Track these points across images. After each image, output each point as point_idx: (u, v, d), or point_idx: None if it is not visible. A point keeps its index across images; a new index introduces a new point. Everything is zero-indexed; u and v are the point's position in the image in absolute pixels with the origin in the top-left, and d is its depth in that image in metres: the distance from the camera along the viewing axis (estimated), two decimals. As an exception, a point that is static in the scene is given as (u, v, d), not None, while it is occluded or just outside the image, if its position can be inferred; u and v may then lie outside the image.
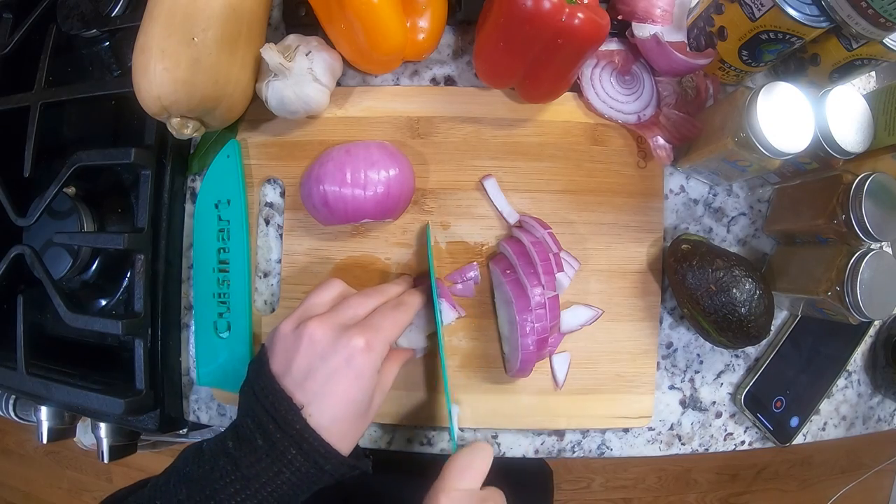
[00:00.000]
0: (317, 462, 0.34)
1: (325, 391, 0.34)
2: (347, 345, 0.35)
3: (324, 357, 0.35)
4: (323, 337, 0.35)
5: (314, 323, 0.36)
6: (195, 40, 0.41)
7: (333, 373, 0.34)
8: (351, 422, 0.35)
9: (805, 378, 0.52)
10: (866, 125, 0.43)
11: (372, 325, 0.36)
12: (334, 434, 0.34)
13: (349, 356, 0.35)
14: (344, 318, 0.37)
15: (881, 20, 0.38)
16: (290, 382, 0.35)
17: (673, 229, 0.51)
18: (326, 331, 0.35)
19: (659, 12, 0.47)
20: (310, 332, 0.35)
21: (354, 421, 0.36)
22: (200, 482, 0.33)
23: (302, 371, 0.35)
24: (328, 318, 0.36)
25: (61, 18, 0.52)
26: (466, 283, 0.49)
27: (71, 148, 0.48)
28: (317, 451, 0.33)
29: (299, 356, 0.35)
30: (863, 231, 0.42)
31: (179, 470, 0.35)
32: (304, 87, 0.45)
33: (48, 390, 0.48)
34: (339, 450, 0.35)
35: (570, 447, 0.51)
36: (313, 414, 0.34)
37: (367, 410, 0.37)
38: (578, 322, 0.48)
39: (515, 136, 0.50)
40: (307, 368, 0.35)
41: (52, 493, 1.45)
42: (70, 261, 0.51)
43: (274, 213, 0.50)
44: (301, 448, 0.33)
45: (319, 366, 0.34)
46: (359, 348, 0.35)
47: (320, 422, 0.34)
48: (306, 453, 0.33)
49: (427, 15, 0.46)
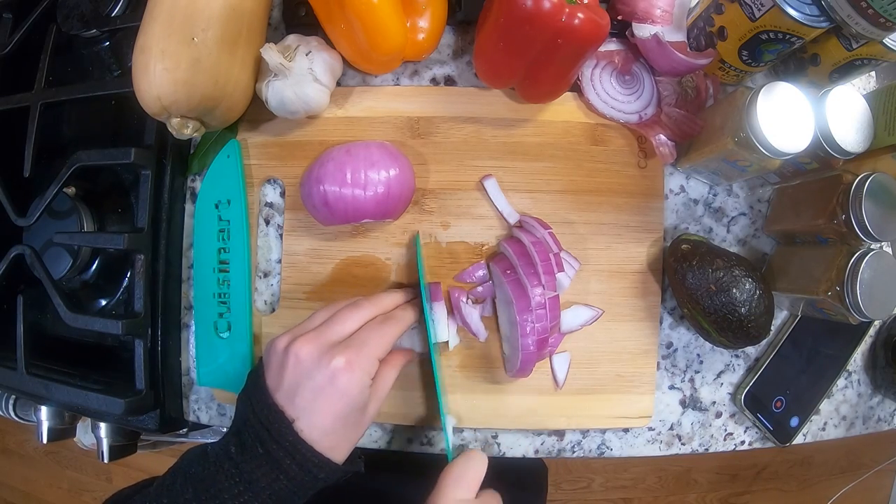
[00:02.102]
0: (310, 471, 0.35)
1: (312, 407, 0.36)
2: (329, 364, 0.36)
3: (309, 376, 0.36)
4: (307, 356, 0.36)
5: (300, 342, 0.37)
6: (195, 40, 0.41)
7: (319, 391, 0.36)
8: (341, 434, 0.37)
9: (805, 378, 0.52)
10: (866, 125, 0.43)
11: (356, 344, 0.37)
12: (325, 445, 0.36)
13: (332, 375, 0.36)
14: (330, 336, 0.38)
15: (881, 20, 0.38)
16: (282, 397, 0.36)
17: (673, 229, 0.51)
18: (311, 350, 0.36)
19: (659, 12, 0.47)
20: (296, 351, 0.37)
21: (346, 432, 0.37)
22: (206, 483, 0.35)
23: (291, 388, 0.36)
24: (314, 337, 0.37)
25: (61, 18, 0.52)
26: (485, 285, 0.48)
27: (71, 148, 0.48)
28: (310, 461, 0.35)
29: (287, 373, 0.36)
30: (863, 231, 0.42)
31: (185, 471, 0.37)
32: (304, 87, 0.45)
33: (48, 390, 0.48)
34: (331, 458, 0.36)
35: (569, 447, 0.51)
36: (304, 428, 0.35)
37: (360, 420, 0.38)
38: (579, 322, 0.48)
39: (515, 136, 0.50)
40: (295, 386, 0.36)
41: (52, 493, 1.45)
42: (70, 261, 0.51)
43: (274, 213, 0.50)
44: (295, 458, 0.35)
45: (306, 384, 0.36)
46: (340, 367, 0.36)
47: (311, 435, 0.35)
48: (300, 463, 0.35)
49: (427, 15, 0.46)
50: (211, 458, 0.36)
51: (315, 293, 0.49)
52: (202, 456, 0.37)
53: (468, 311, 0.47)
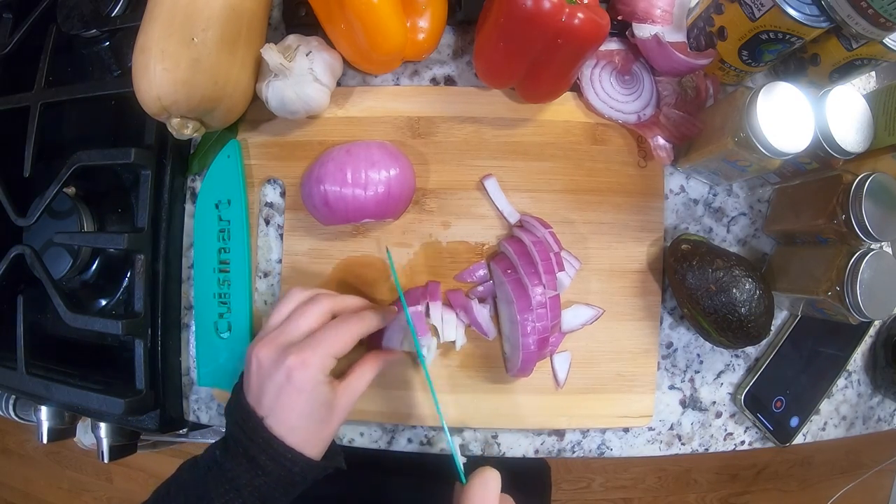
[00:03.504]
0: (284, 465, 0.37)
1: (276, 406, 0.38)
2: (284, 363, 0.37)
3: (269, 376, 0.38)
4: (265, 358, 0.38)
5: (259, 345, 0.39)
6: (195, 40, 0.41)
7: (279, 389, 0.37)
8: (310, 429, 0.38)
9: (805, 378, 0.52)
10: (866, 125, 0.43)
11: (311, 343, 0.38)
12: (295, 441, 0.37)
13: (287, 374, 0.37)
14: (287, 337, 0.39)
15: (881, 20, 0.38)
16: (252, 398, 0.39)
17: (673, 229, 0.51)
18: (269, 352, 0.38)
19: (659, 12, 0.47)
20: (256, 354, 0.39)
21: (314, 427, 0.39)
22: (196, 488, 0.38)
23: (258, 389, 0.38)
24: (272, 339, 0.39)
25: (61, 18, 0.52)
26: (486, 285, 0.48)
27: (71, 148, 0.48)
28: (283, 455, 0.37)
29: (253, 376, 0.39)
30: (863, 231, 0.42)
31: (177, 480, 0.40)
32: (304, 87, 0.45)
33: (48, 390, 0.48)
34: (304, 453, 0.38)
35: (569, 447, 0.51)
36: (272, 425, 0.37)
37: (328, 416, 0.39)
38: (579, 321, 0.48)
39: (516, 136, 0.50)
40: (259, 386, 0.38)
41: (52, 493, 1.45)
42: (70, 261, 0.51)
43: (274, 213, 0.50)
44: (268, 454, 0.37)
45: (268, 384, 0.38)
46: (294, 366, 0.37)
47: (279, 431, 0.37)
48: (273, 458, 0.37)
49: (427, 15, 0.46)
50: (200, 465, 0.39)
51: (315, 293, 0.49)
52: (193, 465, 0.39)
53: (478, 310, 0.47)
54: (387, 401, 0.48)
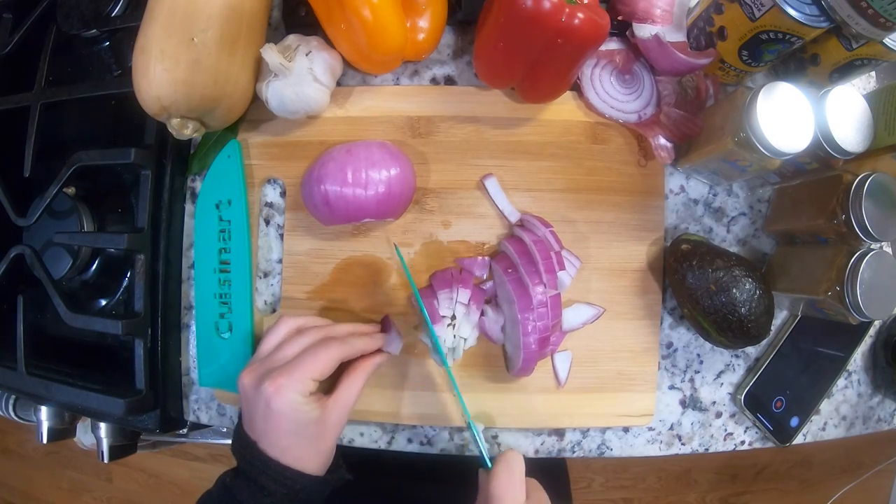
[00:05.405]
0: (285, 483, 0.38)
1: (266, 429, 0.39)
2: (261, 390, 0.39)
3: (253, 403, 0.39)
4: (248, 385, 0.40)
5: (243, 373, 0.41)
6: (195, 41, 0.41)
7: (263, 414, 0.39)
8: (303, 446, 0.39)
9: (805, 378, 0.52)
10: (866, 125, 0.43)
11: (287, 368, 0.39)
12: (291, 459, 0.39)
13: (267, 400, 0.38)
14: (272, 364, 0.40)
15: (881, 20, 0.38)
16: (246, 424, 0.41)
17: (673, 229, 0.51)
18: (251, 381, 0.40)
19: (659, 12, 0.47)
20: (241, 382, 0.41)
21: (308, 444, 0.40)
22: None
23: (248, 415, 0.40)
24: (255, 368, 0.41)
25: (61, 18, 0.52)
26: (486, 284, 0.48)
27: (71, 148, 0.48)
28: (282, 474, 0.38)
29: (243, 404, 0.41)
30: (863, 231, 0.42)
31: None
32: (304, 87, 0.45)
33: (48, 390, 0.48)
34: (304, 470, 0.39)
35: (570, 447, 0.51)
36: (265, 448, 0.39)
37: (320, 432, 0.40)
38: (580, 320, 0.48)
39: (516, 136, 0.50)
40: (248, 412, 0.40)
41: (52, 493, 1.45)
42: (70, 261, 0.51)
43: (274, 213, 0.50)
44: (268, 474, 0.38)
45: (254, 410, 0.39)
46: (270, 392, 0.38)
47: (274, 453, 0.39)
48: (274, 478, 0.38)
49: (427, 15, 0.46)
50: (214, 494, 0.40)
51: (316, 293, 0.49)
52: (208, 496, 0.41)
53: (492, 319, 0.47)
54: (387, 400, 0.48)
